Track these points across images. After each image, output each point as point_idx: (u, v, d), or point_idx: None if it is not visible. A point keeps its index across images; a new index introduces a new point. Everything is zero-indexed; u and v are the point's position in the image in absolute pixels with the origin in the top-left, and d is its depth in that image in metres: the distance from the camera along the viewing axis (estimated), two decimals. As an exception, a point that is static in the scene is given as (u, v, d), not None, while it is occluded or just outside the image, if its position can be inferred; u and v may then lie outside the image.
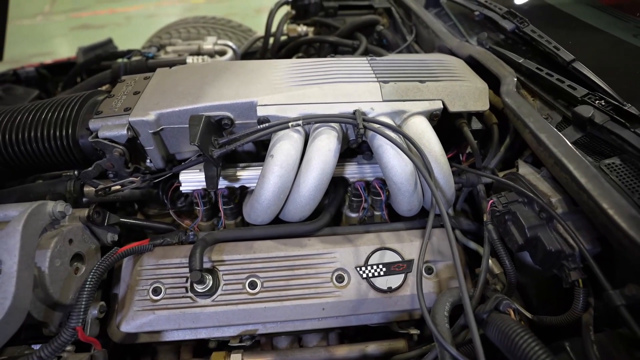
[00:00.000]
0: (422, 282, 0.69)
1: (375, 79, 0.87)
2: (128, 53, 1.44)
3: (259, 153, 1.05)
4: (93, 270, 0.67)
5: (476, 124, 0.90)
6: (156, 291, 0.77)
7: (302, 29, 1.56)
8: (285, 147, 0.76)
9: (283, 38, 1.61)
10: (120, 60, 1.49)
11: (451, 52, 1.09)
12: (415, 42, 1.37)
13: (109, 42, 2.00)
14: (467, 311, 0.58)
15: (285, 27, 1.57)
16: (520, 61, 0.88)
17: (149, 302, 0.76)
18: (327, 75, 0.87)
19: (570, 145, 0.67)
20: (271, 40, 1.56)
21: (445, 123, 0.88)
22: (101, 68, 1.50)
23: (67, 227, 0.73)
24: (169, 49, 1.41)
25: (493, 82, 0.91)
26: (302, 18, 1.61)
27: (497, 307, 0.61)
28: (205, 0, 5.92)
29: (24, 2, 5.96)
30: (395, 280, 0.81)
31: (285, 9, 1.62)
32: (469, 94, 0.86)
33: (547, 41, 0.88)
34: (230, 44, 1.44)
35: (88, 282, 0.65)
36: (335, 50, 1.45)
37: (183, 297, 0.77)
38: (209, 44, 1.41)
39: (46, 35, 5.08)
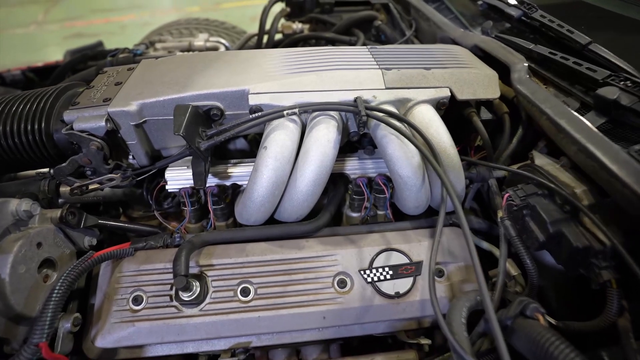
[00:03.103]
0: (434, 285, 0.62)
1: (377, 66, 0.81)
2: (115, 52, 1.38)
3: (252, 150, 0.98)
4: (62, 278, 0.59)
5: (485, 114, 0.84)
6: (137, 300, 0.69)
7: (297, 26, 1.50)
8: (280, 137, 0.69)
9: (278, 36, 1.56)
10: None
11: (454, 43, 1.04)
12: (415, 37, 1.32)
13: (99, 44, 1.94)
14: (490, 317, 0.50)
15: (279, 25, 1.52)
16: (530, 47, 0.83)
17: (129, 312, 0.68)
18: (325, 63, 0.81)
19: (595, 129, 0.61)
20: (265, 37, 1.51)
21: (451, 113, 0.82)
22: (88, 68, 1.44)
23: (35, 229, 0.65)
24: (158, 45, 1.35)
25: (501, 71, 0.85)
26: (297, 16, 1.57)
27: (523, 312, 0.53)
28: (201, 9, 5.91)
29: (17, 11, 5.93)
30: (403, 284, 0.73)
31: (280, 6, 1.57)
32: (477, 81, 0.80)
33: (558, 25, 0.82)
34: (222, 41, 1.39)
35: (55, 292, 0.57)
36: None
37: (167, 306, 0.69)
38: (200, 40, 1.35)
39: (39, 44, 5.02)
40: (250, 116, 0.69)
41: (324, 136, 0.70)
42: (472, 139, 0.87)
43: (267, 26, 1.51)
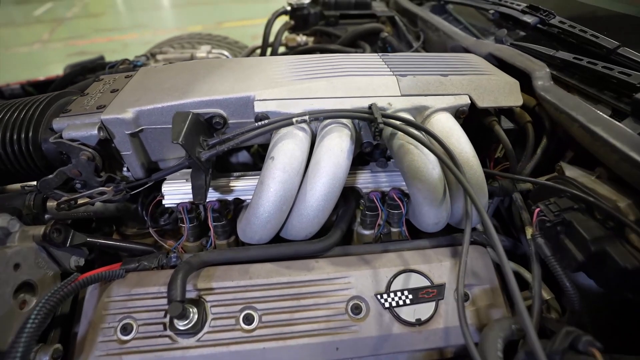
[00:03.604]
0: (464, 312, 0.54)
1: (391, 73, 0.76)
2: (115, 63, 1.34)
3: (255, 164, 0.93)
4: (40, 305, 0.51)
5: (507, 123, 0.78)
6: (126, 329, 0.61)
7: (301, 38, 1.48)
8: (288, 147, 0.63)
9: (281, 49, 1.54)
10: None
11: (467, 52, 1.00)
12: (423, 48, 1.29)
13: (100, 59, 1.92)
14: (536, 351, 0.43)
15: (283, 37, 1.50)
16: (551, 53, 0.78)
17: (116, 343, 0.60)
18: (335, 69, 0.76)
19: (638, 135, 0.55)
20: (268, 50, 1.48)
21: (470, 123, 0.76)
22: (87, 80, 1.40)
23: (13, 248, 0.58)
24: (159, 57, 1.32)
25: (519, 80, 0.80)
26: (301, 29, 1.54)
27: (574, 346, 0.46)
28: (203, 28, 6.01)
29: (23, 31, 6.02)
30: (424, 310, 0.66)
31: (284, 19, 1.55)
32: (498, 89, 0.75)
33: (581, 30, 0.78)
34: (225, 53, 1.35)
35: (31, 321, 0.50)
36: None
37: (160, 336, 0.61)
38: (202, 52, 1.31)
39: (42, 62, 5.05)
40: (256, 124, 0.64)
41: (337, 145, 0.64)
42: (492, 150, 0.81)
43: (271, 39, 1.49)
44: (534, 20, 0.91)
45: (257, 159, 0.94)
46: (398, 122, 0.65)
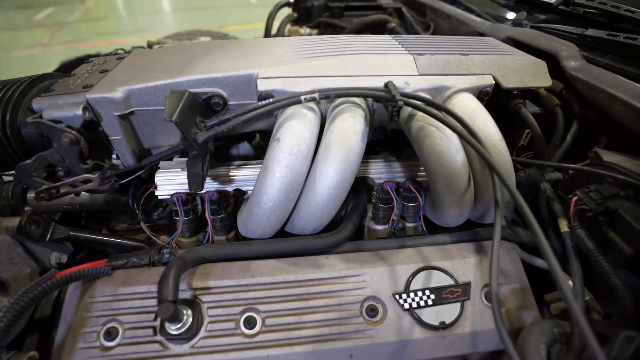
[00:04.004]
0: (501, 313, 0.47)
1: (407, 52, 0.69)
2: (110, 54, 1.28)
3: (257, 157, 0.86)
4: (7, 306, 0.44)
5: (532, 108, 0.72)
6: (110, 334, 0.53)
7: (305, 30, 1.42)
8: (296, 128, 0.57)
9: (284, 42, 1.48)
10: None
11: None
12: (433, 39, 1.23)
13: (97, 55, 1.86)
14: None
15: (286, 30, 1.44)
16: (579, 32, 0.72)
17: (98, 350, 0.52)
18: (346, 48, 0.70)
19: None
20: (271, 43, 1.42)
21: (492, 106, 0.69)
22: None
23: (-18, 240, 0.50)
24: (156, 47, 1.25)
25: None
26: (305, 21, 1.49)
27: (639, 354, 0.39)
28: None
29: (24, 35, 6.00)
30: (448, 311, 0.58)
31: (287, 11, 1.50)
32: (524, 69, 0.68)
33: (613, 7, 0.72)
34: (226, 44, 1.29)
35: (-5, 323, 0.42)
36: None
37: (149, 342, 0.53)
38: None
39: (41, 65, 5.00)
40: (260, 103, 0.57)
41: (350, 127, 0.57)
42: (515, 137, 0.75)
43: (273, 32, 1.43)
44: (557, 0, 0.85)
45: (259, 152, 0.87)
46: (418, 102, 0.58)
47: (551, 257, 0.43)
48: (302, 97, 0.56)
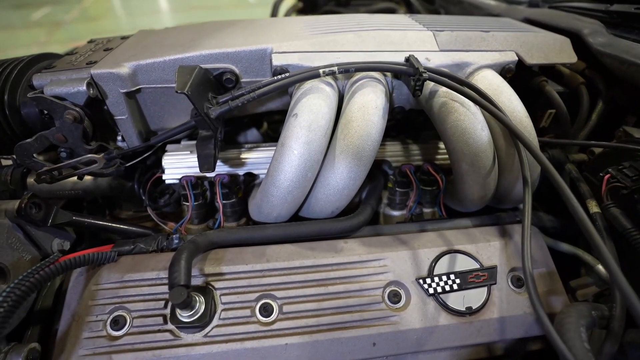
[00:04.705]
0: (538, 296, 0.44)
1: (426, 28, 0.66)
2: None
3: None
4: (6, 292, 0.40)
5: (555, 86, 0.69)
6: (117, 322, 0.50)
7: (310, 20, 1.39)
8: (315, 102, 0.53)
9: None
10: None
11: (498, 20, 0.91)
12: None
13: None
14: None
15: (291, 19, 1.41)
16: (603, 8, 0.69)
17: (105, 340, 0.49)
18: (363, 25, 0.67)
19: None
20: (276, 33, 1.39)
21: (516, 84, 0.67)
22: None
23: (-21, 222, 0.47)
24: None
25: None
26: (310, 11, 1.46)
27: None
28: (202, 31, 5.95)
29: (21, 34, 5.94)
30: (475, 296, 0.55)
31: (290, 1, 1.47)
32: (547, 45, 0.66)
33: (637, -19, 0.69)
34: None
35: (-5, 308, 0.39)
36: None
37: (159, 330, 0.50)
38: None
39: (38, 64, 4.96)
40: (276, 77, 0.54)
41: (371, 102, 0.54)
42: (537, 118, 0.72)
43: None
44: (575, -21, 0.83)
45: (268, 140, 0.84)
46: (442, 78, 0.55)
47: (591, 228, 0.40)
48: (321, 71, 0.53)
